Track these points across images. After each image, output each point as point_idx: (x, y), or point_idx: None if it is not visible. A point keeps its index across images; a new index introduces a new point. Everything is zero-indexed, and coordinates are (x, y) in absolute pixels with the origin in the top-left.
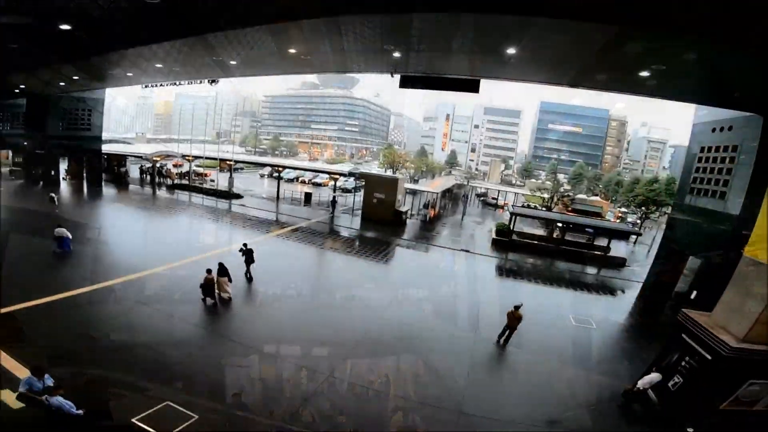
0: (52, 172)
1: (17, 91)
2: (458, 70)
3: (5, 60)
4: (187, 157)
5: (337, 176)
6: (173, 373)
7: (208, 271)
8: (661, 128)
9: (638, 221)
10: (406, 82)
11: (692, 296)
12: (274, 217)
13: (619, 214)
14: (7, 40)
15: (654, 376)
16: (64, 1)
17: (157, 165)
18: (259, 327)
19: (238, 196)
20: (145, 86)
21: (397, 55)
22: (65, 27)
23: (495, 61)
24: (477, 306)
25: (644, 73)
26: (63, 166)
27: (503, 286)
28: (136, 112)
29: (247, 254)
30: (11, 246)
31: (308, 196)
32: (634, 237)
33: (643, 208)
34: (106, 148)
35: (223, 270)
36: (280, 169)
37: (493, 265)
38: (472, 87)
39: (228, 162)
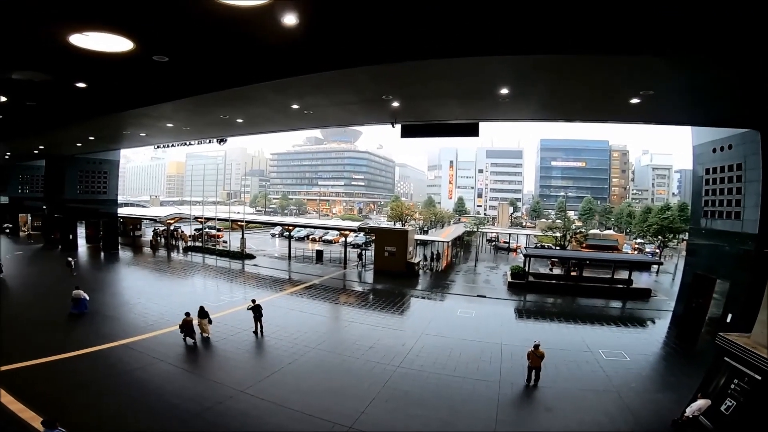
0: (70, 236)
1: (36, 152)
2: (457, 114)
3: (25, 119)
4: (199, 219)
5: (347, 232)
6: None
7: (187, 314)
8: (663, 154)
9: (657, 250)
10: (407, 132)
11: (728, 320)
12: (287, 275)
13: (636, 246)
14: (26, 98)
15: (702, 403)
16: (81, 59)
17: (171, 228)
18: (277, 380)
19: (251, 257)
20: (157, 147)
21: (396, 104)
22: (81, 85)
23: (490, 103)
24: (499, 349)
25: (634, 101)
26: (80, 230)
27: (524, 327)
28: (149, 174)
29: (256, 310)
30: (30, 307)
31: (320, 254)
32: (655, 267)
33: (659, 237)
34: (121, 211)
35: (203, 312)
36: (291, 228)
37: (511, 308)
38: (472, 131)
39: (239, 223)
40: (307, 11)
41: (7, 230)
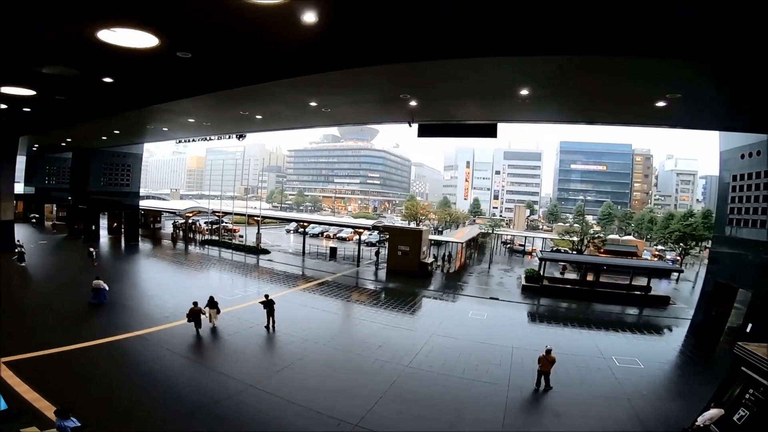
0: (93, 227)
1: (63, 144)
2: (475, 115)
3: (53, 112)
4: (217, 213)
5: (361, 230)
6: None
7: (194, 303)
8: (688, 159)
9: (678, 258)
10: (424, 131)
11: (748, 329)
12: (300, 271)
13: (656, 253)
14: (55, 92)
15: (715, 412)
16: (108, 54)
17: (189, 221)
18: (286, 376)
19: (266, 252)
20: (179, 141)
21: (413, 103)
22: (108, 80)
23: (510, 104)
24: (510, 352)
25: (660, 104)
26: (103, 221)
27: (536, 331)
28: (170, 167)
29: (268, 306)
30: (51, 297)
31: (333, 251)
32: (675, 274)
33: (681, 244)
34: (143, 203)
35: (212, 302)
36: (306, 224)
37: (524, 311)
38: (490, 131)
39: (255, 218)
40: (326, 9)
41: (34, 220)
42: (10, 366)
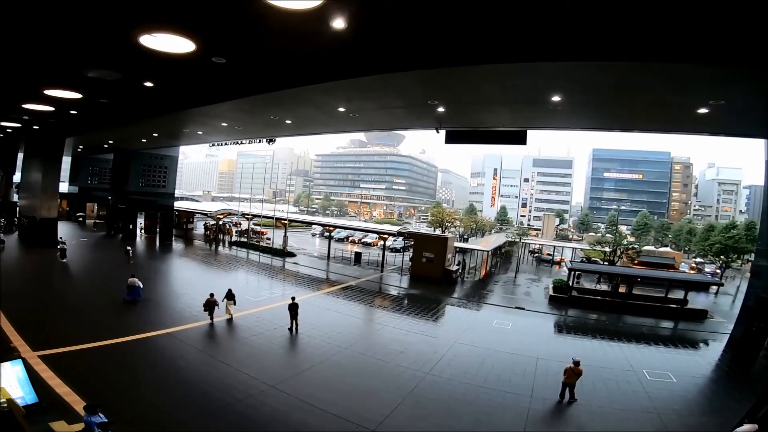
0: (131, 226)
1: (106, 146)
2: (504, 122)
3: (98, 115)
4: (246, 216)
5: (386, 236)
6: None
7: (211, 294)
8: (731, 168)
9: (718, 271)
10: (452, 138)
11: None
12: (324, 275)
13: (694, 265)
14: (100, 95)
15: (748, 428)
16: (149, 59)
17: (220, 222)
18: (306, 378)
19: (292, 255)
20: (212, 145)
21: (441, 109)
22: (149, 84)
23: (541, 111)
24: (534, 363)
25: (702, 110)
26: (140, 221)
27: (563, 342)
28: (203, 170)
29: (292, 308)
30: (88, 293)
31: (358, 256)
32: (714, 288)
33: (721, 256)
34: (177, 204)
35: (230, 294)
36: (331, 228)
37: (551, 322)
38: (520, 138)
39: (283, 221)
40: (355, 15)
41: (80, 219)
42: (44, 360)
